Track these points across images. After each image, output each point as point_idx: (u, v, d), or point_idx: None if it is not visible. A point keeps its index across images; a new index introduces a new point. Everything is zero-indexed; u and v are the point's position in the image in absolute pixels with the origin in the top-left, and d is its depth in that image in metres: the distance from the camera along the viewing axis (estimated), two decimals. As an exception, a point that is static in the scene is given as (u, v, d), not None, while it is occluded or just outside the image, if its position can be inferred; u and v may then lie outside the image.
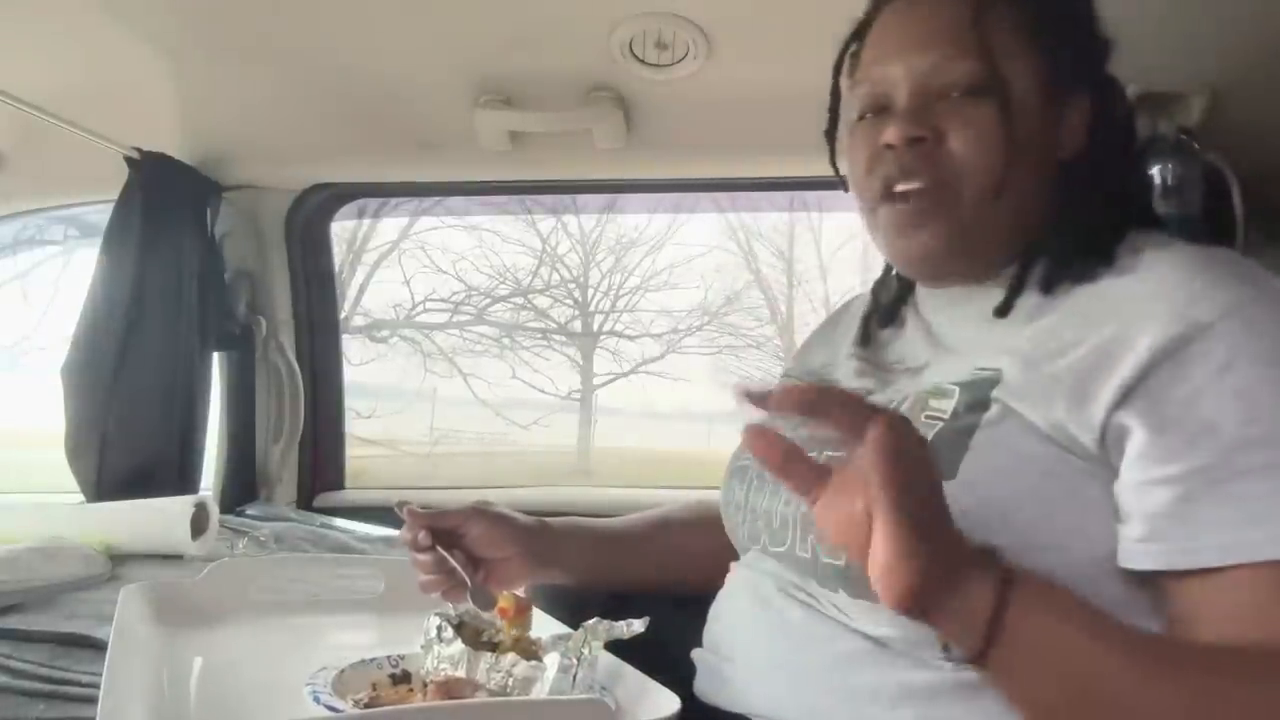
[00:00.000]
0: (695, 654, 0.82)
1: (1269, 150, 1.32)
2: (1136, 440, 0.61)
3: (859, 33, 0.79)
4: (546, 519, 0.95)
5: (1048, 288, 0.70)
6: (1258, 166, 1.32)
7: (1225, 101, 1.26)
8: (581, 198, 5.10)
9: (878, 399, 0.75)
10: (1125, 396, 0.61)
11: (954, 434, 0.66)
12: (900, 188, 0.72)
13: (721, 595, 0.82)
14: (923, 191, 0.71)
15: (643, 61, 1.29)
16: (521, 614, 0.80)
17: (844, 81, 0.80)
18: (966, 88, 0.70)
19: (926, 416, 0.68)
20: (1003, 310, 0.72)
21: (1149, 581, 0.61)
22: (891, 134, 0.71)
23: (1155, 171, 1.29)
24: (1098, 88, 0.75)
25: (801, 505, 0.71)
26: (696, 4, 1.19)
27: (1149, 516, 0.60)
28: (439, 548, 0.85)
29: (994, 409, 0.65)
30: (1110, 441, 0.62)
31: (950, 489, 0.57)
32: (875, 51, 0.76)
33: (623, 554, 0.97)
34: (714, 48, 1.26)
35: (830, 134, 0.83)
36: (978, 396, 0.66)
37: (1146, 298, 0.63)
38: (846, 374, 0.83)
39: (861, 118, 0.76)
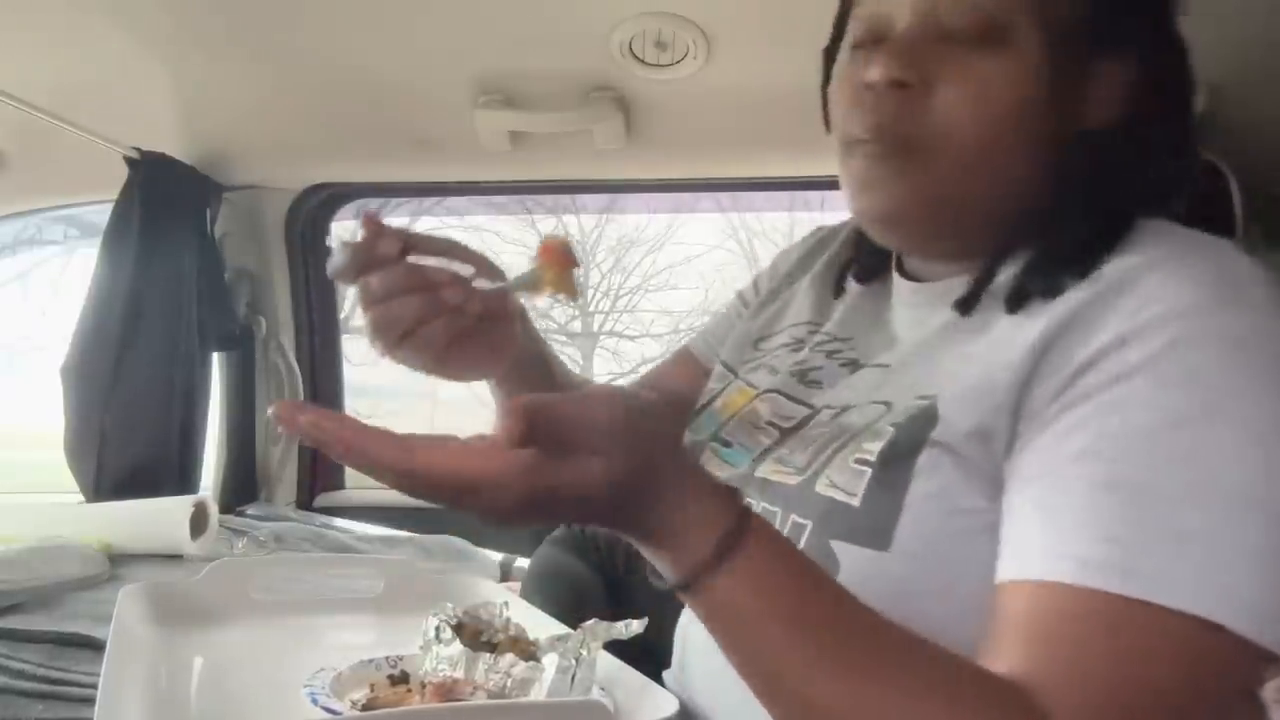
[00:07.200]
0: (666, 674, 0.80)
1: (1268, 149, 1.31)
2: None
3: None
4: None
5: (1014, 304, 0.58)
6: (1257, 165, 1.32)
7: (1224, 100, 1.25)
8: (581, 198, 5.11)
9: (817, 400, 0.70)
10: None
11: (884, 490, 0.57)
12: (867, 137, 0.61)
13: (684, 617, 0.79)
14: (894, 146, 0.60)
15: (643, 62, 1.29)
16: (566, 257, 0.63)
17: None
18: (977, 33, 0.58)
19: (856, 461, 0.60)
20: (965, 305, 0.62)
21: None
22: (873, 71, 0.59)
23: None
24: (1151, 48, 0.61)
25: None
26: (696, 4, 1.19)
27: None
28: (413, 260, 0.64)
29: (924, 455, 0.56)
30: None
31: (885, 561, 0.55)
32: None
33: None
34: (714, 48, 1.26)
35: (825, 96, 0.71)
36: (913, 438, 0.57)
37: (1106, 300, 0.53)
38: (816, 350, 0.75)
39: (856, 48, 0.64)
